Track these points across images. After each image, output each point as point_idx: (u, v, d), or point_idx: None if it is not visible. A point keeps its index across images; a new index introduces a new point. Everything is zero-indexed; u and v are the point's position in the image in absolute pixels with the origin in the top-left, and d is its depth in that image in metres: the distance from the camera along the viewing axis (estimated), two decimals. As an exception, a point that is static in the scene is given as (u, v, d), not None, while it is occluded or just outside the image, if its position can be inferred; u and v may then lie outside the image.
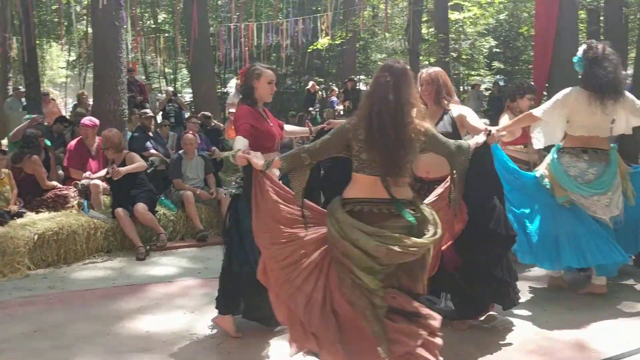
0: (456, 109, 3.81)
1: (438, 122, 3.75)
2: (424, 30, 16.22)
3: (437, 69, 3.97)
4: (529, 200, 4.41)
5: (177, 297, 4.67)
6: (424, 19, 16.31)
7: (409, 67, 2.85)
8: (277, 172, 2.91)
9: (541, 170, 4.50)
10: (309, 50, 13.79)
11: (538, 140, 4.40)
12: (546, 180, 4.40)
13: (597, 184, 4.18)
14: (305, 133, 4.31)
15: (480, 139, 3.17)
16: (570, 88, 4.27)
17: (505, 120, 5.24)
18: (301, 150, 2.86)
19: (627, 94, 4.24)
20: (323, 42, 12.88)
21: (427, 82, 3.84)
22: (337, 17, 13.06)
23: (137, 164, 6.23)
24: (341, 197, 2.81)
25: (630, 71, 12.66)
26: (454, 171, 3.02)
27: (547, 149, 4.58)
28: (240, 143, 3.40)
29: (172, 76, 22.95)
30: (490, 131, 3.23)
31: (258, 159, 2.88)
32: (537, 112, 4.29)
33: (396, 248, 2.58)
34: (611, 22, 12.61)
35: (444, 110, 3.82)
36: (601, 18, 16.85)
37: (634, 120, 4.28)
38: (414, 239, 2.63)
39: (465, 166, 3.01)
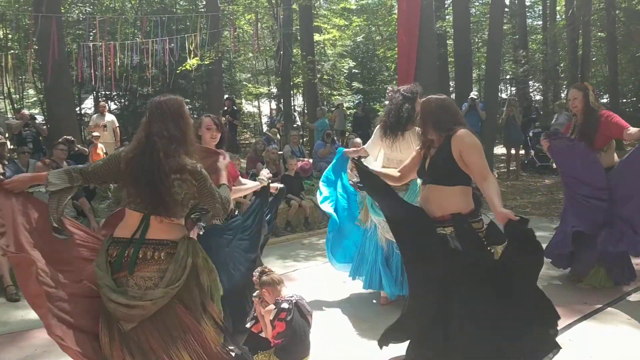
0: (456, 139, 3.18)
1: (437, 154, 3.28)
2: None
3: (425, 100, 3.43)
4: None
5: (66, 341, 4.26)
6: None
7: (170, 102, 2.74)
8: None
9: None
10: (177, 71, 13.43)
11: None
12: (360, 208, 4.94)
13: None
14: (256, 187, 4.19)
15: None
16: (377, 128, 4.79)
17: None
18: (74, 170, 2.72)
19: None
20: (192, 62, 12.64)
21: (418, 118, 3.52)
22: (203, 37, 12.88)
23: None
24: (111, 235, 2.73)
25: (475, 90, 14.09)
26: None
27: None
28: None
29: (16, 96, 21.02)
30: None
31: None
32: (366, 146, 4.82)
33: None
34: (459, 46, 13.92)
35: (443, 142, 3.25)
36: (448, 42, 18.52)
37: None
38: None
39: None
